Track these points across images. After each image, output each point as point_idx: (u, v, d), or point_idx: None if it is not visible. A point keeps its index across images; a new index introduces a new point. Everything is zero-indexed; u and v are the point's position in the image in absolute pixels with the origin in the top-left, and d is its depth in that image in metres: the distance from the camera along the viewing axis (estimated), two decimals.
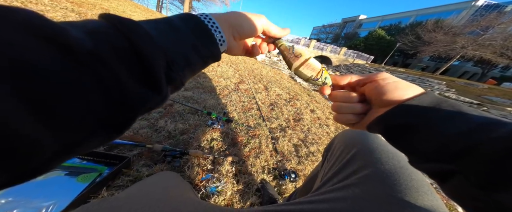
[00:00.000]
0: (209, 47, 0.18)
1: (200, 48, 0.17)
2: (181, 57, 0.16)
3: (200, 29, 0.17)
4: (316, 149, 1.06)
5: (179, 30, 0.16)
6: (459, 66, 23.44)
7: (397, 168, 0.25)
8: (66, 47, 0.09)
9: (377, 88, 0.19)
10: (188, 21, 0.17)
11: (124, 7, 3.42)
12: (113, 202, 0.22)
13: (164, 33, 0.15)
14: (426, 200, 0.21)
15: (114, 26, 0.12)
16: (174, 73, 0.15)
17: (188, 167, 0.65)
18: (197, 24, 0.17)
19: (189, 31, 0.17)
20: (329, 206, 0.24)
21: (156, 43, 0.13)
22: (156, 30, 0.14)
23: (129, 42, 0.12)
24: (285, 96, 1.90)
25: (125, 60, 0.12)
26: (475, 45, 15.08)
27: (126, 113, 0.13)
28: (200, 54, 0.17)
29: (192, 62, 0.17)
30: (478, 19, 17.12)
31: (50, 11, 1.63)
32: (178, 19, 0.17)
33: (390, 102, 0.18)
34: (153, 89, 0.13)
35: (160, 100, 0.14)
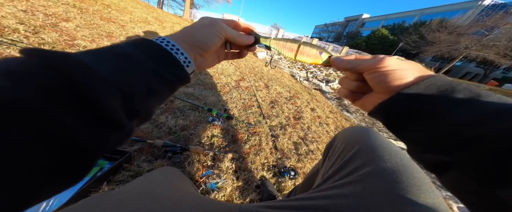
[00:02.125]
0: (174, 71, 0.17)
1: (163, 74, 0.16)
2: (141, 87, 0.14)
3: (158, 53, 0.16)
4: (315, 148, 1.07)
5: (132, 58, 0.14)
6: (461, 66, 23.24)
7: (399, 166, 0.25)
8: None
9: (373, 76, 0.18)
10: (142, 46, 0.15)
11: (125, 3, 3.39)
12: (114, 196, 0.22)
13: (110, 63, 0.13)
14: (427, 198, 0.21)
15: (39, 62, 0.10)
16: (136, 105, 0.13)
17: (189, 163, 0.65)
18: (154, 49, 0.16)
19: (147, 58, 0.15)
20: (330, 202, 0.24)
21: (100, 76, 0.11)
22: (100, 63, 0.12)
23: (65, 80, 0.10)
24: (285, 94, 1.89)
25: (62, 102, 0.10)
26: (479, 45, 14.90)
27: (82, 158, 0.11)
28: (164, 81, 0.16)
29: (156, 90, 0.15)
30: (483, 19, 16.86)
31: (52, 6, 1.62)
32: (128, 46, 0.15)
33: (393, 89, 0.16)
34: (111, 128, 0.12)
35: (123, 136, 0.13)
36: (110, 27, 1.86)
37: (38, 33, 1.12)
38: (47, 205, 0.37)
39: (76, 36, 1.34)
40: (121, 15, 2.52)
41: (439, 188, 1.00)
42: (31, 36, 1.06)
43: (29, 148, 0.09)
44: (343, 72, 0.23)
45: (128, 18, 2.53)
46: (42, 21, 1.30)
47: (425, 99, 0.14)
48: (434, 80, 0.15)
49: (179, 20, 5.63)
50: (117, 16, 2.37)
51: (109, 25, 1.91)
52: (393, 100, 0.16)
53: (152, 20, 3.26)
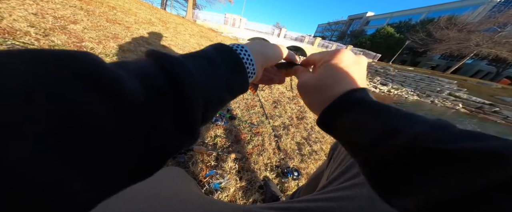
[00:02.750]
0: (241, 83, 0.17)
1: (233, 86, 0.16)
2: (216, 97, 0.15)
3: (236, 65, 0.16)
4: (319, 148, 1.05)
5: (218, 66, 0.15)
6: (472, 64, 22.40)
7: None
8: (124, 102, 0.09)
9: (320, 77, 0.19)
10: (224, 53, 0.16)
11: (130, 5, 3.46)
12: (121, 195, 0.23)
13: (204, 71, 0.14)
14: None
15: (161, 66, 0.11)
16: (208, 113, 0.14)
17: (192, 163, 0.66)
18: (233, 58, 0.16)
19: (225, 66, 0.15)
20: (336, 205, 0.24)
21: (198, 84, 0.12)
22: (196, 69, 0.13)
23: (174, 86, 0.11)
24: (288, 94, 1.88)
25: (168, 107, 0.11)
26: (491, 42, 14.31)
27: (161, 160, 0.12)
28: (232, 91, 0.16)
29: (224, 100, 0.16)
30: (495, 15, 16.18)
31: (61, 9, 1.67)
32: (215, 52, 0.16)
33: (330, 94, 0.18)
34: (189, 134, 0.13)
35: (192, 143, 0.14)
36: (116, 29, 1.90)
37: (48, 36, 1.16)
38: None
39: (83, 38, 1.38)
40: (126, 16, 2.57)
41: None
42: (42, 38, 1.10)
43: (136, 147, 0.09)
44: None
45: (132, 20, 2.58)
46: (52, 24, 1.35)
47: (333, 121, 0.16)
48: (341, 101, 0.17)
49: (182, 21, 5.69)
50: (122, 18, 2.42)
51: (114, 26, 1.95)
52: (321, 115, 0.17)
53: (156, 21, 3.32)
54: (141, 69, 0.11)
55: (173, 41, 2.67)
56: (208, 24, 12.56)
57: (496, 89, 8.36)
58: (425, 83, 8.67)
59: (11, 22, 1.11)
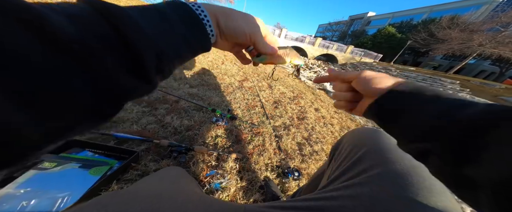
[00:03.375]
0: (200, 40, 0.17)
1: (190, 41, 0.16)
2: (171, 49, 0.15)
3: (191, 20, 0.16)
4: (320, 148, 1.05)
5: (169, 19, 0.15)
6: (475, 64, 22.15)
7: (409, 168, 0.24)
8: (47, 34, 0.09)
9: (360, 83, 0.23)
10: (178, 8, 0.16)
11: None
12: (124, 195, 0.23)
13: (154, 22, 0.14)
14: (438, 201, 0.21)
15: (98, 12, 0.11)
16: (163, 64, 0.14)
17: (193, 163, 0.66)
18: (187, 13, 0.16)
19: (179, 20, 0.16)
20: (337, 203, 0.24)
21: (145, 33, 0.13)
22: (144, 19, 0.13)
23: (116, 32, 0.11)
24: (289, 94, 1.88)
25: (111, 50, 0.11)
26: (494, 42, 14.15)
27: (113, 102, 0.12)
28: (190, 47, 0.17)
29: (182, 54, 0.16)
30: (498, 15, 15.98)
31: None
32: (168, 7, 0.16)
33: (376, 92, 0.21)
34: (142, 79, 0.13)
35: (149, 89, 0.14)
36: None
37: None
38: (62, 201, 0.39)
39: None
40: None
41: None
42: None
43: (77, 83, 0.10)
44: (335, 86, 0.27)
45: None
46: None
47: (404, 98, 0.18)
48: (406, 84, 0.19)
49: None
50: None
51: None
52: (379, 101, 0.20)
53: None
54: (72, 11, 0.11)
55: None
56: None
57: (499, 89, 8.26)
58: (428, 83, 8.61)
59: None
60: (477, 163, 0.12)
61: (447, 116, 0.15)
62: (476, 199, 0.12)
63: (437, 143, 0.15)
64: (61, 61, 0.09)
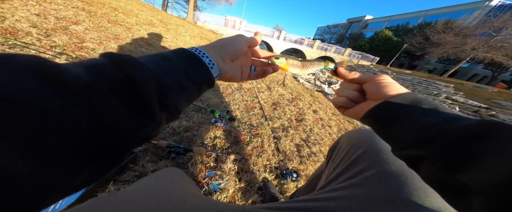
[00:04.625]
0: (200, 71, 0.20)
1: (191, 73, 0.19)
2: (173, 82, 0.16)
3: (189, 57, 0.20)
4: (318, 150, 1.06)
5: (171, 60, 0.18)
6: (468, 68, 22.68)
7: (404, 169, 0.25)
8: (63, 83, 0.10)
9: (373, 85, 0.23)
10: (179, 53, 0.19)
11: (131, 6, 3.48)
12: (121, 196, 0.23)
13: (157, 62, 0.16)
14: (433, 201, 0.21)
15: (110, 60, 0.13)
16: (168, 98, 0.16)
17: (192, 164, 0.66)
18: (186, 53, 0.20)
19: (180, 60, 0.18)
20: (334, 204, 0.24)
21: (148, 69, 0.15)
22: (150, 61, 0.16)
23: (124, 73, 0.13)
24: (287, 96, 1.89)
25: (118, 89, 0.12)
26: (487, 47, 14.53)
27: (119, 142, 0.13)
28: (191, 79, 0.19)
29: (185, 87, 0.18)
30: (491, 20, 16.45)
31: (63, 10, 1.68)
32: (171, 52, 0.19)
33: (382, 97, 0.21)
34: (146, 115, 0.14)
35: (154, 126, 0.15)
36: (117, 30, 1.91)
37: (49, 36, 1.17)
38: (57, 204, 0.39)
39: (85, 38, 1.38)
40: (127, 18, 2.58)
41: None
42: (43, 38, 1.11)
43: (86, 125, 0.11)
44: (344, 82, 0.27)
45: (134, 21, 2.60)
46: (54, 25, 1.35)
47: (403, 107, 0.19)
48: (409, 94, 0.20)
49: (183, 22, 5.72)
50: (124, 19, 2.43)
51: (116, 27, 1.97)
52: (382, 105, 0.21)
53: (156, 23, 3.33)
54: (89, 62, 0.13)
55: (174, 42, 2.68)
56: (208, 26, 12.61)
57: (492, 93, 8.45)
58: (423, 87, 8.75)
59: (13, 22, 1.12)
60: (470, 169, 0.12)
61: (444, 125, 0.16)
62: (469, 205, 0.12)
63: (431, 150, 0.15)
64: (68, 101, 0.10)
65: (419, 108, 0.18)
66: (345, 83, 0.27)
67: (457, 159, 0.13)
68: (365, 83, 0.24)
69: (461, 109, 6.64)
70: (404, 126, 0.18)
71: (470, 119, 0.15)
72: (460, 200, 0.13)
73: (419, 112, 0.18)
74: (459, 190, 0.13)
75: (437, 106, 0.18)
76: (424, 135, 0.16)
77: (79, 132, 0.10)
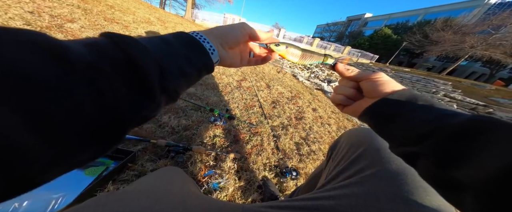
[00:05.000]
0: (200, 56, 0.20)
1: (192, 58, 0.19)
2: (174, 66, 0.17)
3: (190, 42, 0.19)
4: (317, 148, 1.06)
5: (172, 43, 0.18)
6: (466, 66, 22.78)
7: (405, 168, 0.25)
8: (67, 61, 0.10)
9: (369, 83, 0.23)
10: (179, 36, 0.19)
11: (128, 4, 3.42)
12: (120, 195, 0.23)
13: (157, 46, 0.16)
14: (433, 200, 0.21)
15: (111, 40, 0.13)
16: (168, 81, 0.16)
17: (191, 163, 0.66)
18: (187, 38, 0.19)
19: (181, 44, 0.18)
20: (334, 202, 0.24)
21: (149, 53, 0.15)
22: (149, 44, 0.16)
23: (125, 54, 0.13)
24: (287, 94, 1.89)
25: (120, 70, 0.12)
26: (485, 44, 14.59)
27: (121, 122, 0.13)
28: (192, 64, 0.19)
29: (186, 71, 0.18)
30: (490, 18, 16.47)
31: (57, 8, 1.64)
32: (170, 36, 0.19)
33: (378, 95, 0.21)
34: (147, 96, 0.14)
35: (154, 107, 0.15)
36: (114, 28, 1.88)
37: None
38: (56, 202, 0.38)
39: (80, 37, 1.36)
40: (124, 15, 2.55)
41: None
42: None
43: (90, 104, 0.11)
44: (342, 80, 0.27)
45: (131, 19, 2.56)
46: (48, 22, 1.33)
47: (399, 104, 0.19)
48: (404, 92, 0.20)
49: (181, 20, 5.66)
50: (121, 17, 2.40)
51: (112, 25, 1.94)
52: (379, 103, 0.21)
53: (154, 21, 3.29)
54: (90, 41, 0.13)
55: None
56: (207, 24, 12.50)
57: (490, 90, 8.52)
58: (421, 84, 8.80)
59: (6, 20, 1.09)
60: (464, 165, 0.13)
61: (438, 121, 0.16)
62: (461, 200, 0.13)
63: (426, 146, 0.15)
64: (77, 83, 0.10)
65: (415, 105, 0.18)
66: (342, 80, 0.27)
67: (450, 155, 0.14)
68: (361, 81, 0.24)
69: (459, 107, 6.72)
70: (400, 123, 0.18)
71: (466, 114, 0.15)
72: (453, 195, 0.14)
73: (415, 109, 0.18)
74: (452, 185, 0.13)
75: (433, 102, 0.18)
76: (420, 131, 0.16)
77: (84, 111, 0.10)
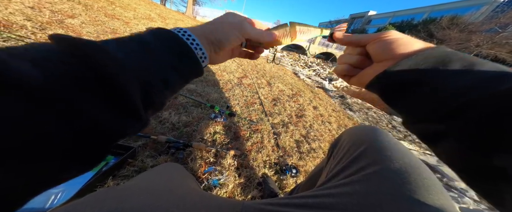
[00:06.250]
0: (191, 66, 0.17)
1: (180, 68, 0.16)
2: (158, 81, 0.14)
3: (179, 48, 0.16)
4: (318, 146, 1.06)
5: (153, 51, 0.14)
6: None
7: (407, 167, 0.24)
8: (6, 83, 0.08)
9: (378, 44, 0.18)
10: (164, 39, 0.15)
11: (129, 0, 3.40)
12: (120, 191, 0.23)
13: (135, 55, 0.13)
14: (436, 199, 0.20)
15: (68, 52, 0.10)
16: (153, 96, 0.14)
17: (191, 159, 0.66)
18: (174, 42, 0.16)
19: (166, 50, 0.15)
20: (334, 200, 0.24)
21: (125, 68, 0.12)
22: (124, 53, 0.13)
23: (92, 71, 0.10)
24: (288, 92, 1.88)
25: (88, 90, 0.10)
26: (491, 43, 14.29)
27: (100, 145, 0.12)
28: (181, 74, 0.16)
29: (172, 83, 0.15)
30: (498, 16, 16.08)
31: (58, 3, 1.64)
32: (152, 37, 0.15)
33: (391, 57, 0.17)
34: (129, 117, 0.12)
35: (140, 127, 0.13)
36: (115, 24, 1.87)
37: (45, 30, 1.14)
38: (56, 197, 0.38)
39: (81, 32, 1.36)
40: (125, 11, 2.53)
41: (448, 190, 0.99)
42: (38, 32, 1.08)
43: (55, 134, 0.09)
44: (347, 48, 0.23)
45: (131, 15, 2.54)
46: (49, 18, 1.32)
47: (421, 69, 0.14)
48: (432, 51, 0.15)
49: (182, 17, 5.62)
50: (121, 13, 2.38)
51: (113, 21, 1.93)
52: (394, 68, 0.16)
53: (155, 17, 3.27)
54: (38, 54, 0.10)
55: None
56: (208, 20, 12.38)
57: None
58: None
59: (7, 15, 1.09)
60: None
61: (479, 90, 0.11)
62: (504, 195, 0.10)
63: (458, 125, 0.12)
64: (25, 109, 0.08)
65: (446, 68, 0.13)
66: (347, 48, 0.23)
67: (493, 137, 0.10)
68: (368, 44, 0.19)
69: None
70: (423, 94, 0.14)
71: None
72: (493, 189, 0.11)
73: (447, 74, 0.13)
74: (492, 175, 0.10)
75: (474, 62, 0.13)
76: (449, 106, 0.12)
77: (51, 143, 0.09)
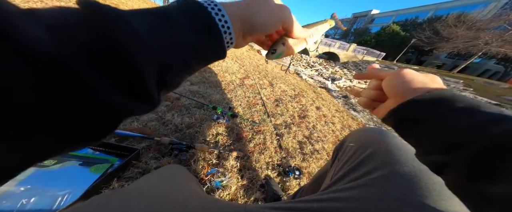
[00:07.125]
0: (215, 51, 0.15)
1: (203, 51, 0.14)
2: (178, 62, 0.13)
3: (208, 29, 0.14)
4: (321, 147, 1.05)
5: (178, 26, 0.13)
6: (479, 64, 21.79)
7: (417, 171, 0.24)
8: (17, 47, 0.07)
9: (389, 82, 0.20)
10: (191, 14, 0.13)
11: (132, 2, 3.44)
12: (123, 194, 0.23)
13: (158, 30, 0.12)
14: (449, 205, 0.20)
15: (88, 20, 0.10)
16: (168, 78, 0.13)
17: (194, 161, 0.66)
18: (203, 20, 0.14)
19: (191, 28, 0.13)
20: (340, 205, 0.23)
21: (145, 45, 0.11)
22: (148, 26, 0.11)
23: (108, 43, 0.10)
24: (290, 92, 1.86)
25: (101, 67, 0.10)
26: (500, 41, 13.87)
27: (104, 126, 0.11)
28: (202, 57, 0.15)
29: (192, 65, 0.14)
30: (507, 12, 15.59)
31: None
32: (178, 10, 0.13)
33: (401, 94, 0.19)
34: (141, 100, 0.12)
35: (149, 108, 0.13)
36: None
37: None
38: (62, 199, 0.39)
39: None
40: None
41: None
42: None
43: (61, 109, 0.09)
44: (370, 82, 0.25)
45: None
46: None
47: (431, 106, 0.16)
48: (443, 91, 0.17)
49: None
50: None
51: None
52: (406, 105, 0.18)
53: None
54: (57, 19, 0.09)
55: None
56: None
57: (503, 89, 8.16)
58: None
59: None
60: (501, 181, 0.11)
61: (479, 127, 0.14)
62: None
63: (457, 156, 0.14)
64: (33, 78, 0.08)
65: (453, 108, 0.15)
66: (370, 82, 0.25)
67: (484, 170, 0.12)
68: (383, 79, 0.22)
69: None
70: (431, 130, 0.16)
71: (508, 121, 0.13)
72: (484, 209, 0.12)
73: (452, 113, 0.15)
74: (480, 200, 0.12)
75: (479, 105, 0.15)
76: (452, 140, 0.14)
77: (50, 118, 0.09)
